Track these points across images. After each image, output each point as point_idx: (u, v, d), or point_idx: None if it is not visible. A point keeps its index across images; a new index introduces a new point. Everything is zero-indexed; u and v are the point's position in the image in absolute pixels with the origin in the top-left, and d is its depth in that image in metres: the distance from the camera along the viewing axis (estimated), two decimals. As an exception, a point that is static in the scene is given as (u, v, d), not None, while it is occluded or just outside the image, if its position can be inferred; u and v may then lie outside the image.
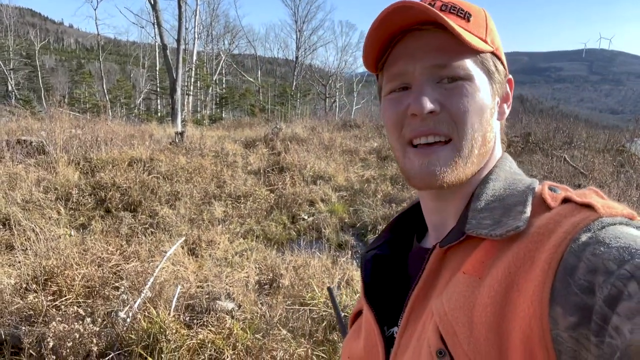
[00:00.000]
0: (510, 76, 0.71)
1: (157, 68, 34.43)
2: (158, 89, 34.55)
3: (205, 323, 3.24)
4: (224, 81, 40.76)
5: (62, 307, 3.42)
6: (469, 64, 0.63)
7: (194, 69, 31.84)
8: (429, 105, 0.61)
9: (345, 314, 3.36)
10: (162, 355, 2.91)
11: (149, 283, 3.63)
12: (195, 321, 3.29)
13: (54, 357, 2.75)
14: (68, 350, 2.80)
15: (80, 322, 2.96)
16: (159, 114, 32.00)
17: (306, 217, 7.05)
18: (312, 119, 19.48)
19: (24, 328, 3.06)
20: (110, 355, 2.91)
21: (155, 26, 20.21)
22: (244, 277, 4.29)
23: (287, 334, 3.25)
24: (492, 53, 0.66)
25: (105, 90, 33.99)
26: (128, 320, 3.18)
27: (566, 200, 0.57)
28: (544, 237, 0.52)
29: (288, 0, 38.38)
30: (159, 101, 37.16)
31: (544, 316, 0.47)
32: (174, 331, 3.04)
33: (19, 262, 4.12)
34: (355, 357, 0.76)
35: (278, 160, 9.61)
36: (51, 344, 2.76)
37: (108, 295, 3.63)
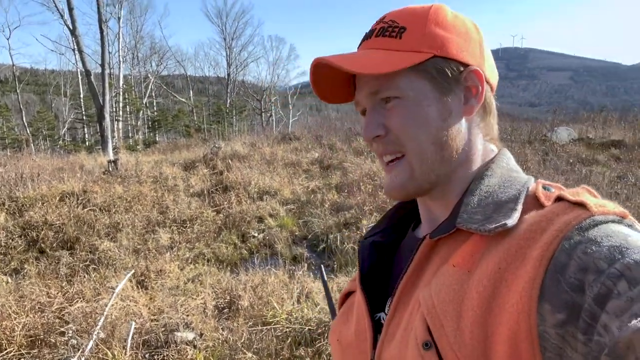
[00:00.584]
0: (476, 67, 0.68)
1: (81, 95, 32.71)
2: (84, 117, 32.80)
3: (165, 357, 3.09)
4: (154, 104, 39.47)
5: (3, 362, 3.13)
6: (401, 81, 0.65)
7: (121, 93, 30.60)
8: (372, 132, 0.68)
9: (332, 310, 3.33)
10: (123, 399, 2.74)
11: (99, 323, 3.41)
12: (155, 357, 3.13)
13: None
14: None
15: (27, 376, 2.72)
16: (88, 143, 30.36)
17: (256, 235, 6.95)
18: (250, 134, 19.33)
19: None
20: (64, 407, 2.70)
21: (76, 52, 19.27)
22: (200, 303, 4.15)
23: (252, 356, 3.18)
24: (435, 56, 0.65)
25: (26, 123, 31.89)
26: (80, 366, 2.96)
27: (559, 199, 0.58)
28: (536, 235, 0.53)
29: (215, 18, 37.71)
30: (86, 130, 35.26)
31: (532, 312, 0.48)
32: (133, 371, 2.88)
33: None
34: (345, 341, 0.77)
35: (221, 180, 9.42)
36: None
37: (55, 342, 3.37)
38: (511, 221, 0.56)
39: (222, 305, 4.20)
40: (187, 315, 3.81)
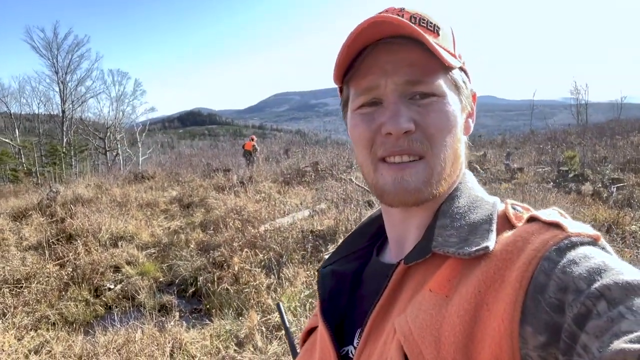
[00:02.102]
0: (475, 91, 0.71)
1: None
2: None
3: None
4: (-32, 146, 33.35)
5: None
6: (441, 79, 0.62)
7: None
8: (404, 124, 0.60)
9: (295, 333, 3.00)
10: None
11: None
12: None
13: None
14: None
15: None
16: None
17: (113, 286, 6.15)
18: (95, 175, 17.47)
19: None
20: None
21: None
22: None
23: None
24: (460, 68, 0.66)
25: None
26: None
27: (532, 219, 0.57)
28: (513, 256, 0.52)
29: (43, 50, 33.33)
30: None
31: (514, 335, 0.47)
32: None
33: None
34: None
35: (63, 228, 8.21)
36: None
37: None
38: (491, 243, 0.55)
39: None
40: (33, 397, 3.10)
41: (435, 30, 0.62)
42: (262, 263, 5.98)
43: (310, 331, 0.79)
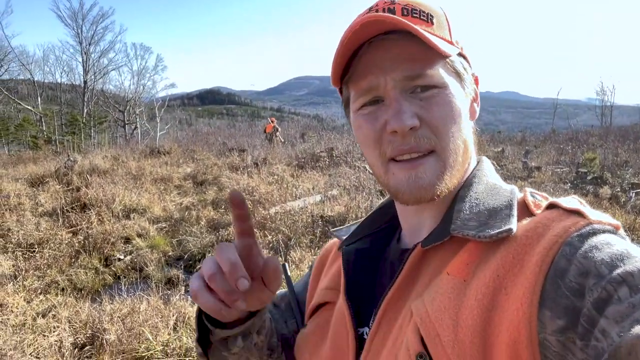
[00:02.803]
0: (476, 74, 0.69)
1: None
2: None
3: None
4: (-9, 111, 33.89)
5: None
6: (441, 70, 0.60)
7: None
8: (409, 121, 0.58)
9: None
10: None
11: None
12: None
13: None
14: None
15: None
16: None
17: (122, 257, 6.26)
18: (112, 147, 17.71)
19: None
20: None
21: None
22: (54, 341, 3.50)
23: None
24: (459, 53, 0.64)
25: None
26: None
27: (552, 206, 0.57)
28: (533, 241, 0.52)
29: (68, 20, 33.49)
30: None
31: (533, 319, 0.46)
32: None
33: None
34: (319, 359, 0.70)
35: (78, 197, 8.35)
36: None
37: None
38: (514, 226, 0.54)
39: (82, 342, 3.60)
40: (38, 358, 3.17)
41: (429, 19, 0.61)
42: (270, 245, 6.01)
43: (319, 306, 0.77)
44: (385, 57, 0.60)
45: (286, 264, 0.89)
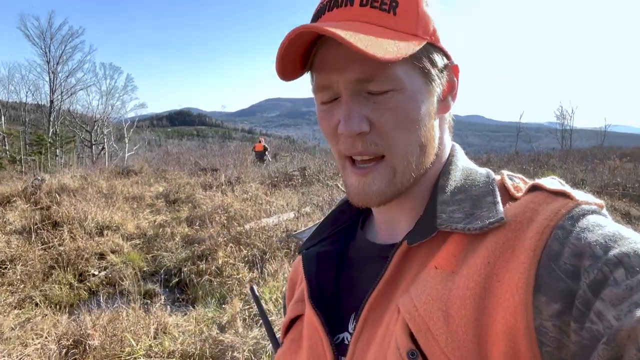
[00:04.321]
0: (455, 62, 0.63)
1: None
2: None
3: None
4: (-50, 130, 32.74)
5: None
6: (398, 70, 0.55)
7: None
8: (355, 127, 0.56)
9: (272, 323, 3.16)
10: None
11: None
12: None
13: None
14: None
15: None
16: None
17: (97, 273, 6.25)
18: (80, 167, 17.42)
19: None
20: None
21: None
22: (37, 348, 3.54)
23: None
24: (430, 43, 0.57)
25: None
26: None
27: (535, 188, 0.56)
28: (523, 226, 0.51)
29: (36, 39, 33.22)
30: None
31: (529, 305, 0.45)
32: None
33: None
34: None
35: (49, 215, 8.26)
36: None
37: None
38: (503, 215, 0.53)
39: (66, 347, 3.65)
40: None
41: (391, 9, 0.55)
42: (246, 259, 6.14)
43: (293, 320, 0.72)
44: (338, 53, 0.55)
45: (254, 287, 0.89)
